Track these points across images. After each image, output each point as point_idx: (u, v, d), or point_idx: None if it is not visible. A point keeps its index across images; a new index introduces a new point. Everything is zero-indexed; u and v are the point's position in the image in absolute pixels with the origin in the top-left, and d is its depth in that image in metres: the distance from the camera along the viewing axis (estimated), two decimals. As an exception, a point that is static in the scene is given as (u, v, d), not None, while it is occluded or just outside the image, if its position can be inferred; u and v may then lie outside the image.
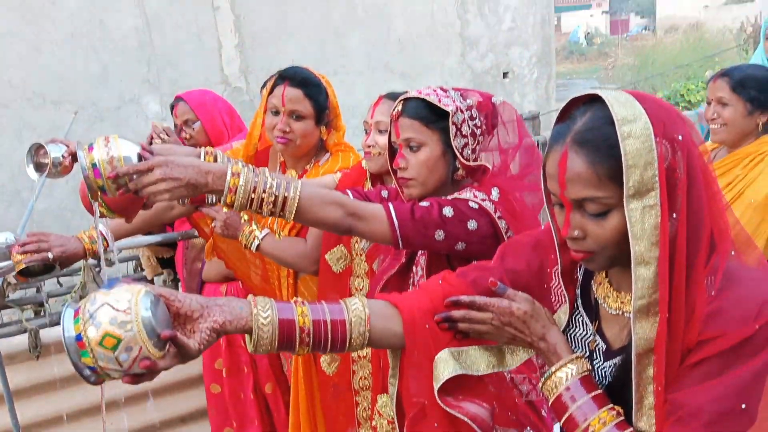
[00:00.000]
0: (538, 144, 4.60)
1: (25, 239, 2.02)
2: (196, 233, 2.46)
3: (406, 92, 1.61)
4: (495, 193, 1.54)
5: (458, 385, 1.18)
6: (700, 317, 0.98)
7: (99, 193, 1.35)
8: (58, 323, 3.15)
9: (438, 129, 1.52)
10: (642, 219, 0.97)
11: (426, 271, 1.58)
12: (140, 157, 1.38)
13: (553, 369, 1.11)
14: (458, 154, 1.53)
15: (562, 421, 1.09)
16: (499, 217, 1.50)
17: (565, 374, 1.10)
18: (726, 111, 2.26)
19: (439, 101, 1.51)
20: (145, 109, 5.59)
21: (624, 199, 0.97)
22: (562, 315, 1.20)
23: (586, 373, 1.10)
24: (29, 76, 5.10)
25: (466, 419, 1.16)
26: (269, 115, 2.07)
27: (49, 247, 2.00)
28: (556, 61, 8.72)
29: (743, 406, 0.95)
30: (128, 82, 5.50)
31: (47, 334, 2.84)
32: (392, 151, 1.62)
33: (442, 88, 1.57)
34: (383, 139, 1.77)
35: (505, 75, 7.61)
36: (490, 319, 1.15)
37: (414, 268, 1.64)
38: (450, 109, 1.51)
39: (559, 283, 1.21)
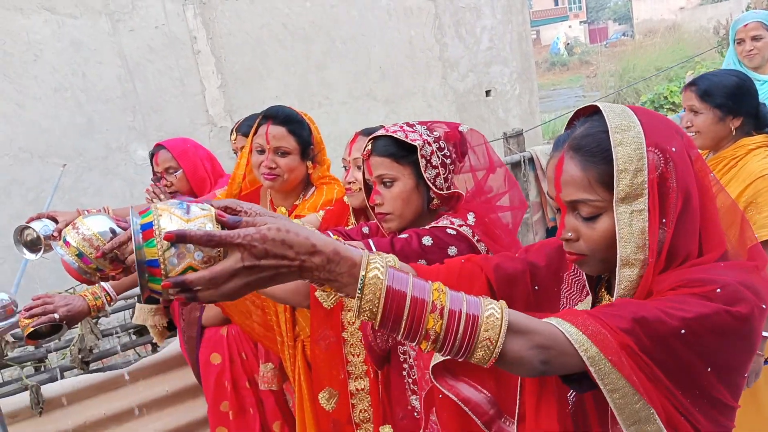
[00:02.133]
0: (523, 160, 4.65)
1: (30, 303, 2.05)
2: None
3: (381, 127, 1.65)
4: (471, 217, 1.57)
5: (460, 364, 1.13)
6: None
7: (97, 274, 1.38)
8: (59, 378, 3.15)
9: (408, 163, 1.56)
10: (630, 222, 1.01)
11: None
12: (112, 231, 1.40)
13: (362, 274, 0.88)
14: (431, 185, 1.57)
15: (405, 316, 0.88)
16: (477, 240, 1.54)
17: (377, 270, 0.89)
18: (698, 119, 2.31)
19: (406, 137, 1.55)
20: (132, 156, 5.63)
21: (614, 203, 1.01)
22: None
23: (391, 262, 0.92)
24: (15, 132, 5.15)
25: (457, 401, 1.16)
26: (255, 155, 2.12)
27: (55, 309, 2.03)
28: (539, 73, 8.82)
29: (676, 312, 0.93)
30: (114, 130, 5.55)
31: (49, 390, 2.84)
32: (368, 187, 1.66)
33: (408, 124, 1.60)
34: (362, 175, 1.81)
35: (487, 93, 7.69)
36: (240, 261, 0.86)
37: None
38: (417, 143, 1.54)
39: (570, 287, 1.24)
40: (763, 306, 0.98)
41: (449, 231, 1.52)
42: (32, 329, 2.00)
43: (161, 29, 5.72)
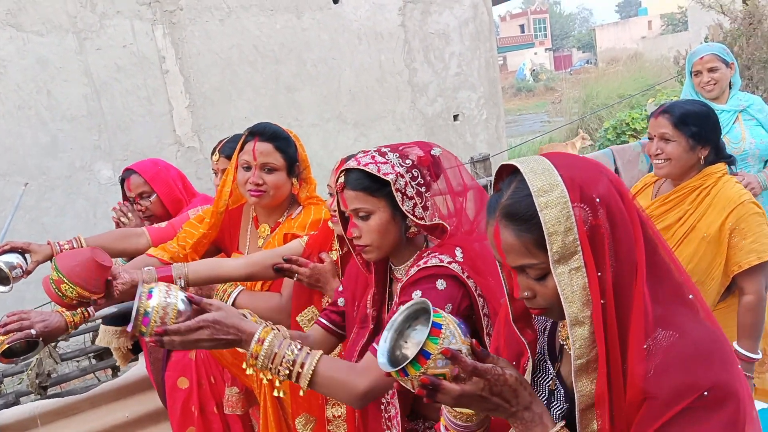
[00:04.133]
0: (489, 184, 4.72)
1: (5, 319, 1.97)
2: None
3: (360, 152, 1.62)
4: (459, 253, 1.55)
5: None
6: (639, 373, 1.01)
7: (137, 333, 1.41)
8: (15, 404, 3.05)
9: (383, 196, 1.53)
10: (570, 282, 1.01)
11: None
12: (189, 303, 1.44)
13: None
14: (410, 216, 1.54)
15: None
16: (467, 277, 1.51)
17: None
18: (669, 146, 2.30)
19: (379, 171, 1.51)
20: (97, 175, 5.55)
21: (551, 265, 1.01)
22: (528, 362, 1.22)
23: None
24: (-24, 150, 5.04)
25: None
26: (241, 171, 2.10)
27: (31, 324, 1.95)
28: (505, 99, 8.98)
29: None
30: (79, 150, 5.47)
31: (4, 416, 2.75)
32: (344, 217, 1.64)
33: (380, 152, 1.57)
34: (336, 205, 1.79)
35: (455, 118, 7.79)
36: (480, 389, 1.04)
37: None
38: (390, 177, 1.51)
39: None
40: (738, 367, 1.02)
41: (438, 286, 1.49)
42: (7, 346, 1.93)
43: (129, 48, 5.68)
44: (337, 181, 1.59)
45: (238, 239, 2.27)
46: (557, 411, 1.16)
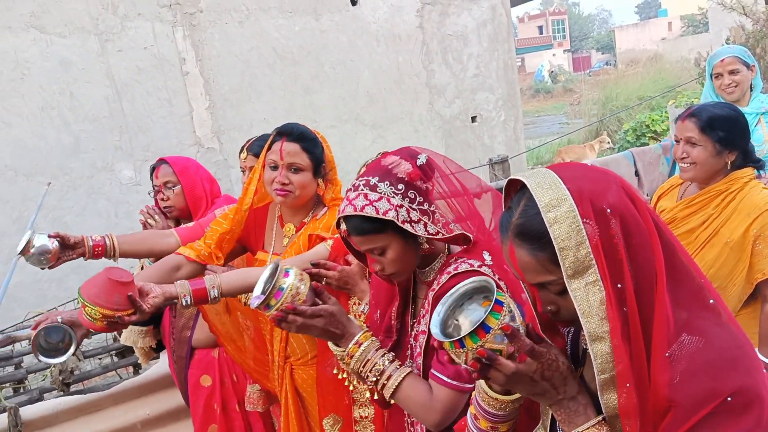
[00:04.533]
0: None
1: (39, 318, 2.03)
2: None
3: (350, 189, 1.56)
4: (487, 256, 1.54)
5: None
6: (663, 381, 0.99)
7: (262, 306, 1.52)
8: (38, 400, 3.10)
9: (390, 229, 1.50)
10: (586, 296, 0.99)
11: (423, 349, 1.57)
12: (313, 292, 1.55)
13: (582, 428, 1.07)
14: (426, 237, 1.52)
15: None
16: (498, 279, 1.50)
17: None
18: (695, 150, 2.27)
19: (377, 212, 1.47)
20: (118, 175, 5.62)
21: (565, 280, 1.00)
22: None
23: None
24: (0, 150, 5.12)
25: None
26: (267, 170, 2.12)
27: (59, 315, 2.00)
28: (523, 100, 8.96)
29: None
30: (100, 150, 5.54)
31: (28, 412, 2.79)
32: (355, 249, 1.64)
33: (370, 185, 1.50)
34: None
35: (473, 119, 7.79)
36: (532, 371, 1.06)
37: (412, 342, 1.64)
38: (391, 215, 1.47)
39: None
40: (761, 369, 1.00)
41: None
42: (40, 339, 1.97)
43: (150, 50, 5.74)
44: (338, 226, 1.58)
45: (264, 238, 2.29)
46: None
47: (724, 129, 2.24)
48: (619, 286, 0.99)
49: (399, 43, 7.14)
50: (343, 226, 1.55)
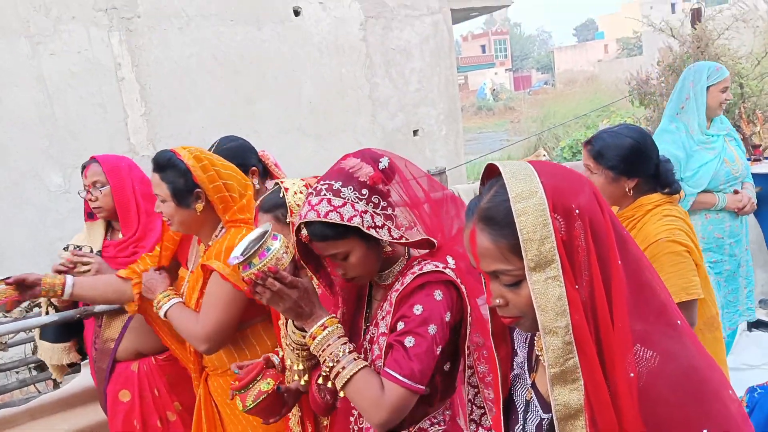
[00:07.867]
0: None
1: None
2: (94, 310, 2.40)
3: (311, 193, 1.51)
4: (450, 260, 1.55)
5: None
6: (625, 392, 0.99)
7: (240, 265, 1.51)
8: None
9: (352, 235, 1.48)
10: (545, 290, 0.99)
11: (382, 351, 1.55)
12: (294, 266, 1.56)
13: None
14: (390, 241, 1.51)
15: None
16: (461, 282, 1.51)
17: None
18: (593, 178, 2.26)
19: (342, 218, 1.44)
20: (46, 182, 5.40)
21: (526, 272, 0.99)
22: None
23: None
24: None
25: None
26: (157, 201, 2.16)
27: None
28: (466, 117, 9.09)
29: None
30: (28, 156, 5.32)
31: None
32: (305, 252, 1.61)
33: (333, 190, 1.47)
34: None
35: (415, 133, 7.85)
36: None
37: (366, 345, 1.62)
38: (356, 221, 1.44)
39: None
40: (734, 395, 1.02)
41: (436, 296, 1.50)
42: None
43: (84, 54, 5.57)
44: (297, 231, 1.53)
45: (188, 256, 2.31)
46: (533, 421, 1.15)
47: (616, 158, 2.21)
48: (576, 287, 0.99)
49: (342, 55, 7.15)
50: (304, 232, 1.51)
